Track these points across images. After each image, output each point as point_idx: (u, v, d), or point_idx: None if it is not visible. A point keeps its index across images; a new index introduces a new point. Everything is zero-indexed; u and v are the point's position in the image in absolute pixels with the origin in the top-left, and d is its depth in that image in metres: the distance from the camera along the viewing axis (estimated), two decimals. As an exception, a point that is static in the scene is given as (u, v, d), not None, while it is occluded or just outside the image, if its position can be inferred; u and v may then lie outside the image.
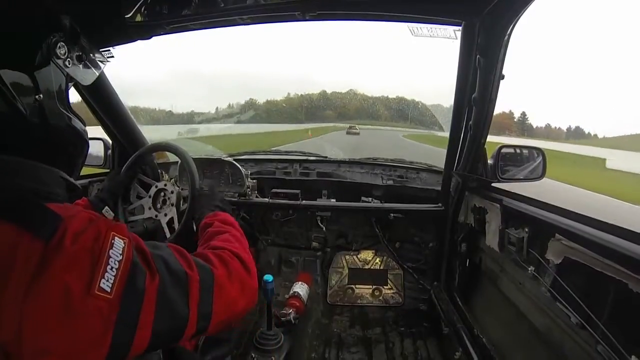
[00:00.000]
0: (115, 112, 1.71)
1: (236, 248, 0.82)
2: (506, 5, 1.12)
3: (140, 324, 0.55)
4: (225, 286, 0.70)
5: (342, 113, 23.33)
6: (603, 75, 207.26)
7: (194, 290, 0.64)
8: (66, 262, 0.51)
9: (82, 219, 0.56)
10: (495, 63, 1.23)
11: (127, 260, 0.56)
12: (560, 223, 0.98)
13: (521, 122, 75.01)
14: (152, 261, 0.60)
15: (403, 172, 2.13)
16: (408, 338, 1.83)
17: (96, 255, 0.53)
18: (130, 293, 0.55)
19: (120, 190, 1.46)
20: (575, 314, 0.87)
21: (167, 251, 0.66)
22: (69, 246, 0.52)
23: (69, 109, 0.70)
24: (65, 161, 0.71)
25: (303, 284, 1.95)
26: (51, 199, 0.58)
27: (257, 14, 1.29)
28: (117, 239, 0.57)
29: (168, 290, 0.59)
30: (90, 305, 0.51)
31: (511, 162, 1.44)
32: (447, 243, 1.77)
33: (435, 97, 16.16)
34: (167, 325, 0.59)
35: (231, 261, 0.76)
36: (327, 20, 1.37)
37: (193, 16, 1.27)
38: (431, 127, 10.78)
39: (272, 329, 1.53)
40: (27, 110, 0.60)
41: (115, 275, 0.53)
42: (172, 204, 1.45)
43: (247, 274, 0.78)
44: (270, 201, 1.86)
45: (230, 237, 0.89)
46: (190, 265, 0.66)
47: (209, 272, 0.69)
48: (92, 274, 0.52)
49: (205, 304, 0.65)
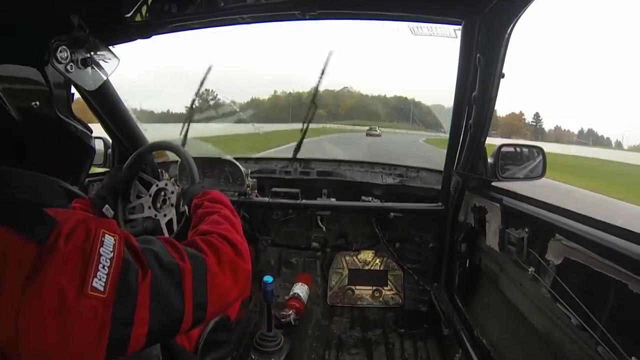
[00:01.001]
0: (115, 110, 1.71)
1: (226, 229, 0.80)
2: (506, 4, 1.12)
3: (136, 321, 0.55)
4: (218, 274, 0.69)
5: (333, 112, 22.58)
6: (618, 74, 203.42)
7: (187, 282, 0.63)
8: (59, 264, 0.50)
9: (75, 221, 0.56)
10: (495, 62, 1.23)
11: (119, 257, 0.55)
12: (561, 223, 0.97)
13: (534, 124, 71.40)
14: (143, 256, 0.59)
15: (403, 171, 2.13)
16: (408, 340, 1.82)
17: (87, 254, 0.53)
18: (124, 291, 0.54)
19: (121, 188, 1.46)
20: (575, 314, 0.87)
21: (157, 244, 0.65)
22: (62, 248, 0.51)
23: (71, 115, 0.68)
24: (66, 169, 0.69)
25: (303, 285, 1.94)
26: (47, 207, 0.57)
27: (257, 13, 1.29)
28: (107, 236, 0.56)
29: (161, 284, 0.59)
30: (85, 306, 0.50)
31: (511, 161, 1.43)
32: (447, 243, 1.76)
33: (437, 97, 16.02)
34: (163, 319, 0.59)
35: (221, 246, 0.73)
36: (327, 19, 1.37)
37: (193, 15, 1.27)
38: (436, 128, 10.63)
39: (272, 330, 1.53)
40: (21, 118, 0.58)
41: (108, 274, 0.53)
42: (171, 204, 1.45)
43: (238, 257, 0.75)
44: (270, 200, 1.86)
45: (220, 218, 0.86)
46: (182, 257, 0.65)
47: (201, 261, 0.68)
48: (84, 273, 0.51)
49: (200, 294, 0.64)
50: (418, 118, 16.61)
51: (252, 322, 1.84)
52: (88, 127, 0.72)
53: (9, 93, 0.57)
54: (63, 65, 0.65)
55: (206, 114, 3.93)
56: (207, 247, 0.72)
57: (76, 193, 0.70)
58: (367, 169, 2.17)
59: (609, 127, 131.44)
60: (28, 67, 0.61)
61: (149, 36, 1.33)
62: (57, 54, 0.63)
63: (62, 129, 0.66)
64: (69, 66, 0.66)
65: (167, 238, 0.69)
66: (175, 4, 1.19)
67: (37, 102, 0.61)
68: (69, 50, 0.65)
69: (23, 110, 0.59)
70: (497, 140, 1.43)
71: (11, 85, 0.58)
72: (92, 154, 0.75)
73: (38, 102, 0.61)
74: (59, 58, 0.64)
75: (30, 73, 0.61)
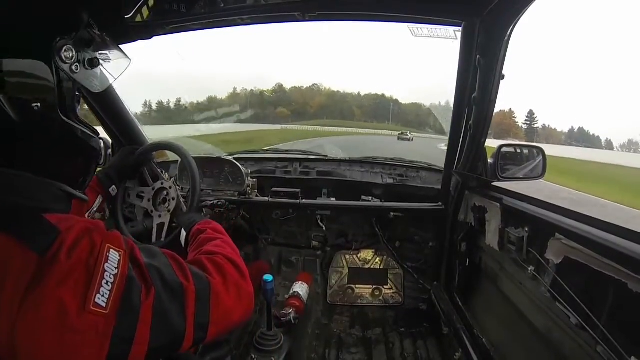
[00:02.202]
0: (116, 110, 1.70)
1: (229, 253, 0.81)
2: (506, 5, 1.12)
3: (136, 339, 0.54)
4: (222, 294, 0.69)
5: (300, 111, 21.22)
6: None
7: (190, 302, 0.62)
8: (61, 277, 0.50)
9: (79, 231, 0.55)
10: (495, 63, 1.23)
11: (123, 275, 0.55)
12: (561, 222, 0.97)
13: (528, 124, 69.36)
14: (147, 273, 0.59)
15: (403, 170, 2.13)
16: (408, 338, 1.83)
17: (91, 269, 0.52)
18: (126, 308, 0.54)
19: (129, 172, 1.47)
20: (575, 314, 0.87)
21: (162, 261, 0.64)
22: (64, 260, 0.51)
23: (76, 118, 0.66)
24: (69, 173, 0.67)
25: (303, 283, 1.95)
26: (48, 212, 0.56)
27: (257, 14, 1.29)
28: (113, 252, 0.56)
29: (164, 303, 0.58)
30: (86, 321, 0.50)
31: (511, 161, 1.44)
32: (447, 242, 1.77)
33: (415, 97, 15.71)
34: (164, 338, 0.58)
35: (226, 266, 0.74)
36: (327, 20, 1.37)
37: (193, 16, 1.27)
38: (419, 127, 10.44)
39: (272, 329, 1.53)
40: (21, 119, 0.56)
41: (111, 290, 0.52)
42: (168, 210, 1.45)
43: (242, 278, 0.76)
44: (270, 200, 1.86)
45: (223, 244, 0.88)
46: (185, 275, 0.64)
47: (205, 281, 0.67)
48: (87, 288, 0.51)
49: (202, 314, 0.64)
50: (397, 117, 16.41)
51: (252, 321, 1.84)
52: (94, 130, 0.70)
53: (9, 94, 0.55)
54: (68, 65, 0.62)
55: (156, 116, 3.80)
56: (212, 267, 0.72)
57: (78, 196, 0.68)
58: (367, 168, 2.17)
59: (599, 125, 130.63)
60: (30, 67, 0.58)
61: (150, 37, 1.34)
62: (61, 53, 0.60)
63: (64, 131, 0.64)
64: (75, 66, 0.63)
65: (173, 254, 0.68)
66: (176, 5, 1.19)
67: (38, 104, 0.58)
68: (75, 50, 0.62)
69: (24, 111, 0.57)
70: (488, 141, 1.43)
71: (11, 86, 0.56)
72: (98, 158, 0.73)
73: (40, 104, 0.59)
74: (63, 57, 0.61)
75: (32, 73, 0.59)
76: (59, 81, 0.62)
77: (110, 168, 1.40)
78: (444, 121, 2.57)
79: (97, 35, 0.69)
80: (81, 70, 0.64)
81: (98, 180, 1.28)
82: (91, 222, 0.59)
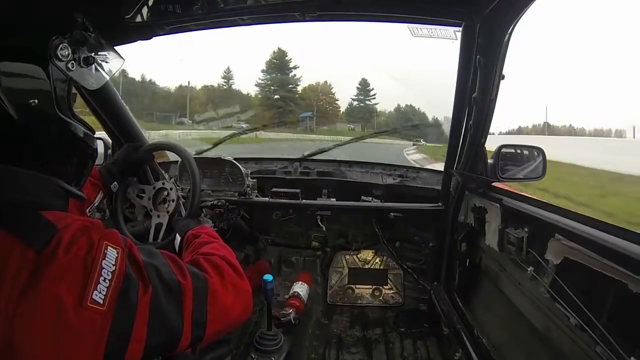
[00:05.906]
0: (115, 110, 1.70)
1: (225, 254, 0.82)
2: (506, 5, 1.12)
3: (133, 336, 0.54)
4: (219, 293, 0.69)
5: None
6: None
7: (187, 300, 0.62)
8: (59, 274, 0.50)
9: (76, 228, 0.55)
10: (495, 63, 1.23)
11: (120, 272, 0.55)
12: (560, 223, 0.97)
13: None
14: (145, 271, 0.59)
15: (403, 171, 2.14)
16: (408, 339, 1.83)
17: (89, 266, 0.52)
18: (123, 305, 0.54)
19: (132, 169, 1.47)
20: (574, 314, 0.87)
21: (160, 260, 0.64)
22: (61, 257, 0.51)
23: (72, 115, 0.67)
24: (67, 170, 0.68)
25: (303, 283, 1.95)
26: (46, 209, 0.57)
27: (257, 14, 1.29)
28: (110, 249, 0.56)
29: (161, 301, 0.58)
30: (83, 318, 0.50)
31: (511, 161, 1.43)
32: (447, 243, 1.77)
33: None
34: (161, 336, 0.58)
35: (223, 266, 0.75)
36: (328, 20, 1.37)
37: (193, 17, 1.27)
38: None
39: (272, 329, 1.53)
40: (18, 116, 0.57)
41: (108, 287, 0.53)
42: (167, 211, 1.45)
43: (239, 277, 0.77)
44: (271, 200, 1.86)
45: (218, 246, 0.89)
46: (183, 274, 0.65)
47: (203, 279, 0.68)
48: (84, 285, 0.51)
49: (200, 313, 0.64)
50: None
51: (252, 321, 1.84)
52: (90, 128, 0.71)
53: (7, 90, 0.56)
54: (64, 63, 0.63)
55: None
56: (210, 267, 0.73)
57: (76, 193, 0.69)
58: (367, 169, 2.18)
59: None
60: (27, 65, 0.60)
61: (149, 37, 1.33)
62: (57, 51, 0.62)
63: (62, 128, 0.65)
64: (70, 64, 0.64)
65: (170, 254, 0.68)
66: (176, 5, 1.18)
67: (35, 100, 0.59)
68: (71, 48, 0.64)
69: (21, 107, 0.58)
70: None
71: (9, 82, 0.57)
72: (94, 155, 0.74)
73: (37, 100, 0.60)
74: (59, 55, 0.62)
75: (29, 70, 0.60)
76: (55, 78, 0.63)
77: (113, 164, 1.40)
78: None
79: (92, 36, 0.70)
80: (77, 68, 0.66)
81: (100, 176, 1.28)
82: (89, 221, 0.59)
